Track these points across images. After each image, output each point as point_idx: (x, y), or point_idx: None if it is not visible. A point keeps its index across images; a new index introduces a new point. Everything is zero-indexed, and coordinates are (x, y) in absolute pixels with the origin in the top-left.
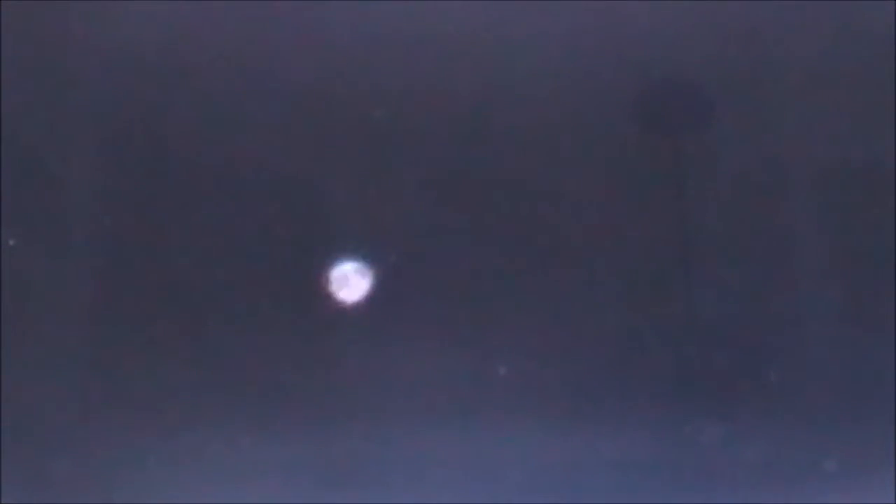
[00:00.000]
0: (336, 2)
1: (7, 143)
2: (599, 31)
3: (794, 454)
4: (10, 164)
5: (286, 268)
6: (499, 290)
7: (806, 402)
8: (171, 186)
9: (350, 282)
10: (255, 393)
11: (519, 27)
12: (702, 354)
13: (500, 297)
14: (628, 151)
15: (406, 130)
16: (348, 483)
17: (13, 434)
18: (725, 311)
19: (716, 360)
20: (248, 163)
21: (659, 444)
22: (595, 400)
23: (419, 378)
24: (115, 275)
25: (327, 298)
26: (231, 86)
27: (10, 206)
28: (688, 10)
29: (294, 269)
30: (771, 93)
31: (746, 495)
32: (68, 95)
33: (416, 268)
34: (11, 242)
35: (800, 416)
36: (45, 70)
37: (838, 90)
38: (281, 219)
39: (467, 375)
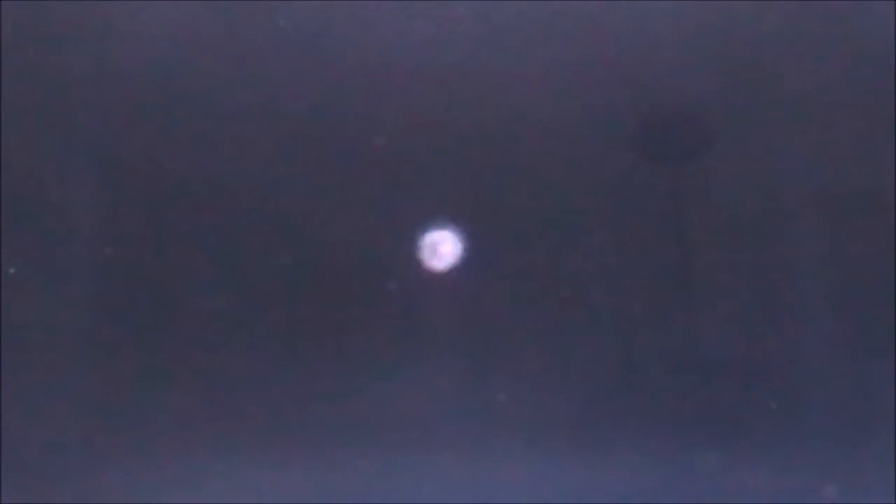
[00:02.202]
0: (340, 28)
1: (6, 168)
2: (599, 61)
3: (795, 481)
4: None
5: (281, 293)
6: (498, 319)
7: (805, 429)
8: (174, 207)
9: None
10: (243, 424)
11: (519, 57)
12: (702, 383)
13: (499, 325)
14: (627, 181)
15: (403, 161)
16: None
17: (13, 436)
18: (725, 341)
19: (715, 389)
20: (248, 182)
21: (660, 473)
22: (596, 429)
23: (413, 406)
24: (129, 279)
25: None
26: (236, 104)
27: (9, 233)
28: (687, 38)
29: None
30: (770, 122)
31: None
32: (67, 121)
33: (415, 292)
34: (12, 271)
35: (799, 443)
36: (42, 97)
37: (838, 119)
38: (277, 240)
39: (467, 403)
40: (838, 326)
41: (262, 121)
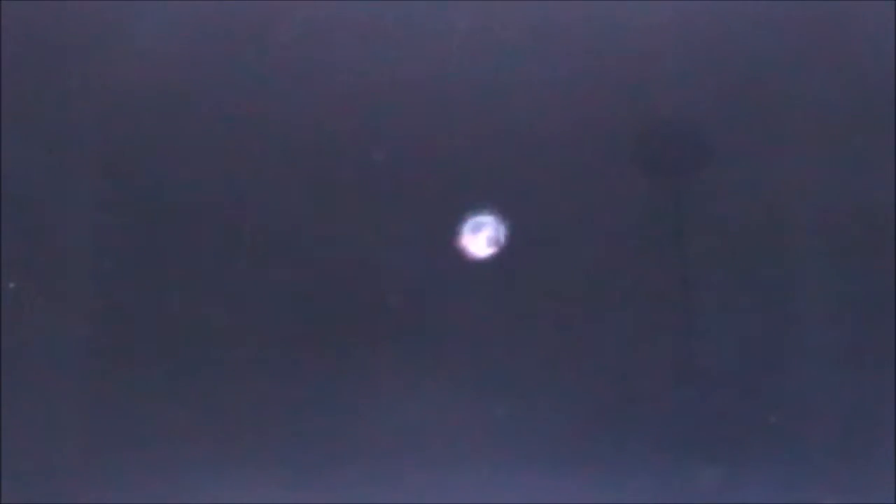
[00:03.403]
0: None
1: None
2: (600, 74)
3: (794, 495)
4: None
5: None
6: (496, 333)
7: (805, 444)
8: (176, 219)
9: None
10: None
11: (519, 70)
12: (702, 397)
13: (498, 338)
14: (627, 195)
15: (401, 176)
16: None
17: (13, 437)
18: (725, 354)
19: (715, 403)
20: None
21: (660, 486)
22: (595, 443)
23: (412, 418)
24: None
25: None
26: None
27: (10, 249)
28: (688, 51)
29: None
30: (771, 135)
31: None
32: (67, 131)
33: (413, 310)
34: (12, 285)
35: (799, 457)
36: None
37: (840, 131)
38: (274, 261)
39: (465, 419)
40: (838, 339)
41: (262, 132)
